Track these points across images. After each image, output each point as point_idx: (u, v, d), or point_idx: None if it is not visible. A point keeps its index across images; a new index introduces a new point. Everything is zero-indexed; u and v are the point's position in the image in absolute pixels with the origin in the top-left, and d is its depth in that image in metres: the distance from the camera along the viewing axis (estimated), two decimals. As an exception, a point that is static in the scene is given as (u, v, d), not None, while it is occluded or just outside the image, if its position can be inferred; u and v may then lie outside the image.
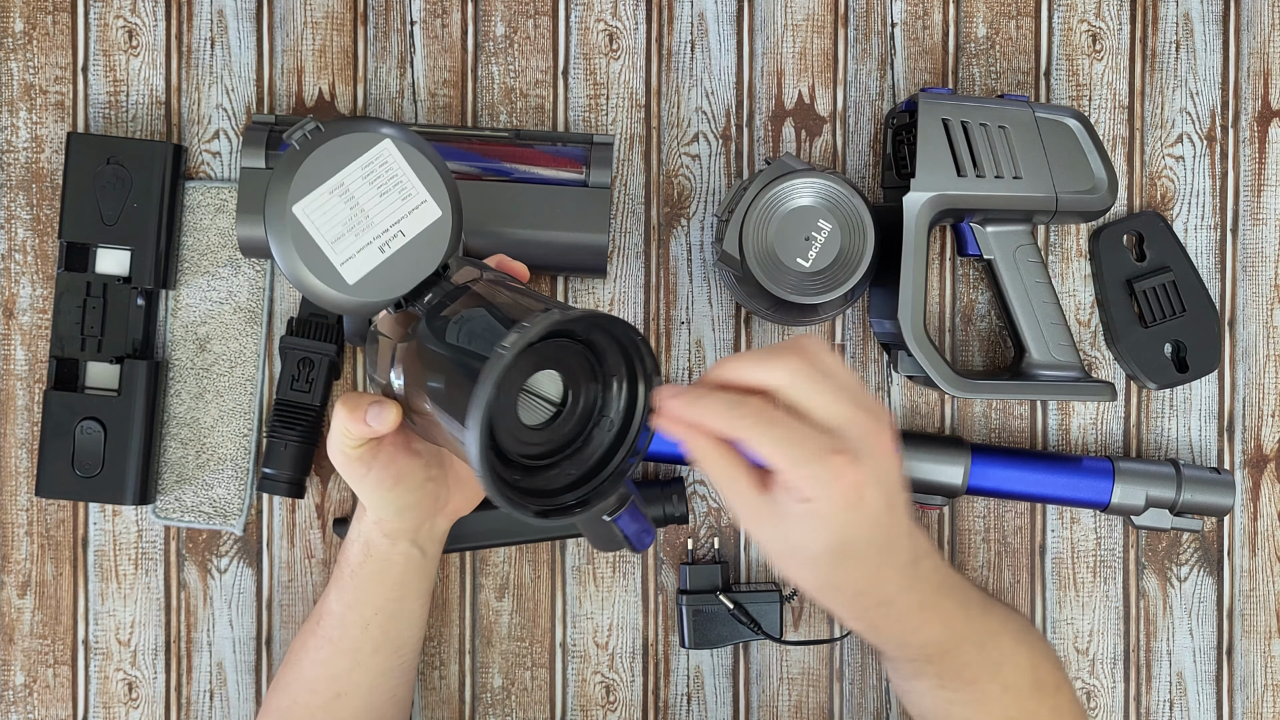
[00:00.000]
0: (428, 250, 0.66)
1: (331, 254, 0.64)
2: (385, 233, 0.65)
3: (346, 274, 0.64)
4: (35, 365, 0.93)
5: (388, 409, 0.67)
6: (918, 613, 0.71)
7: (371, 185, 0.65)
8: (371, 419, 0.68)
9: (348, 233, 0.64)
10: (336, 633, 0.80)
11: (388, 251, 0.65)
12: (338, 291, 0.64)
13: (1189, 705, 0.94)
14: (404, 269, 0.66)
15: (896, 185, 0.89)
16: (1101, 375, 0.94)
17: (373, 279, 0.65)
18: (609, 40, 0.94)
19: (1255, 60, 0.95)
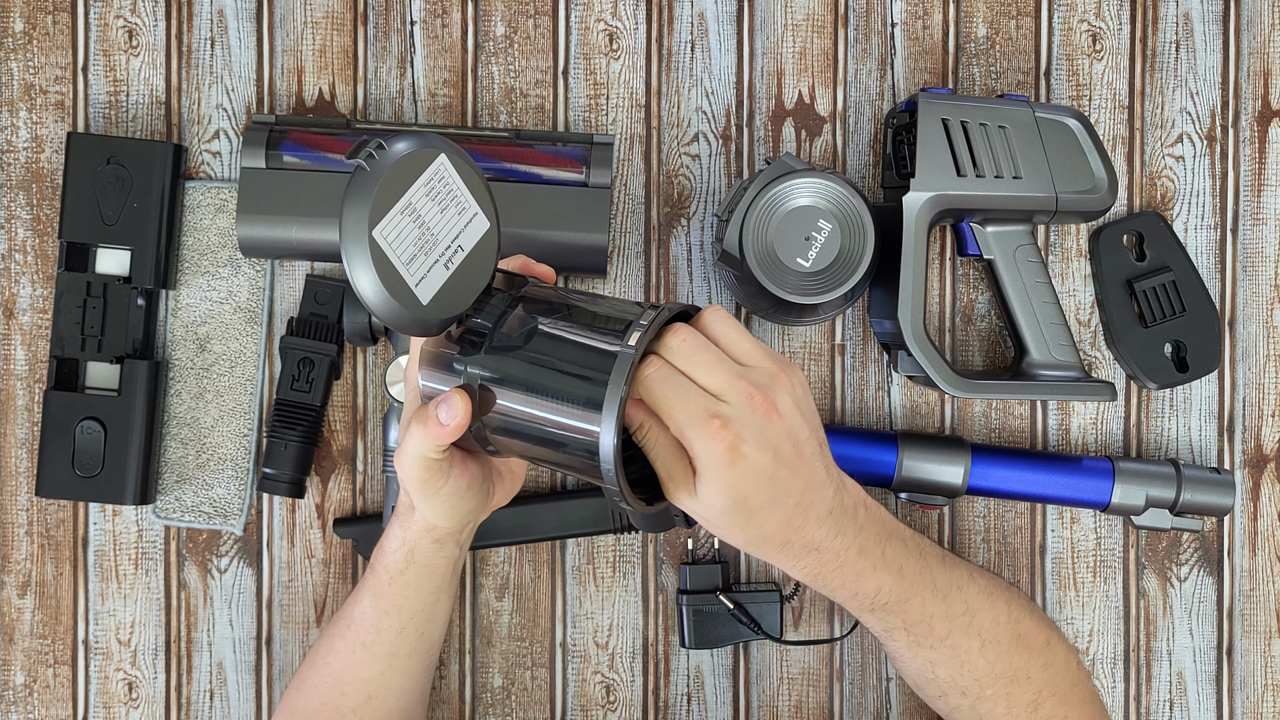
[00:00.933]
0: (481, 262, 0.67)
1: (407, 276, 0.63)
2: (448, 249, 0.65)
3: (421, 294, 0.63)
4: (35, 365, 0.93)
5: (454, 401, 0.67)
6: (858, 559, 0.73)
7: (434, 202, 0.64)
8: (444, 416, 0.67)
9: (419, 253, 0.63)
10: (370, 637, 0.80)
11: (451, 268, 0.65)
12: (413, 313, 0.63)
13: (1189, 705, 0.94)
14: (465, 283, 0.66)
15: (896, 185, 0.89)
16: (1101, 375, 0.94)
17: (442, 296, 0.64)
18: (609, 40, 0.94)
19: (1255, 60, 0.95)
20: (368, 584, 0.81)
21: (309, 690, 0.83)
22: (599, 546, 0.93)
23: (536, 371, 0.65)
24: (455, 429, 0.67)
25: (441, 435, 0.68)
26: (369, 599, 0.80)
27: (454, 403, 0.67)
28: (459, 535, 0.79)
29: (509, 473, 0.79)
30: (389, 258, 0.62)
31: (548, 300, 0.67)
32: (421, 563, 0.79)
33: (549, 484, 0.94)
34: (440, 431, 0.68)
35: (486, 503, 0.78)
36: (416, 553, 0.78)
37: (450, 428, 0.68)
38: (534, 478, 0.94)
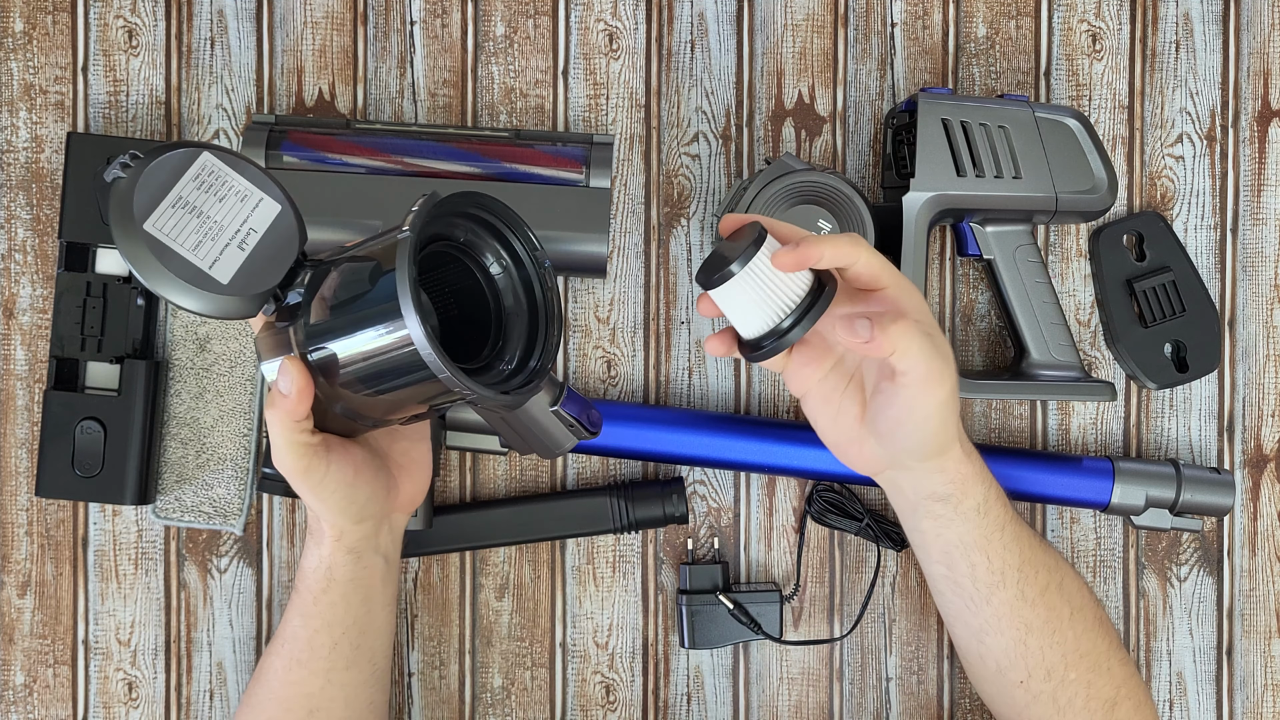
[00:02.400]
0: (285, 241, 0.69)
1: (197, 260, 0.65)
2: (238, 233, 0.67)
3: (218, 275, 0.66)
4: (35, 365, 0.93)
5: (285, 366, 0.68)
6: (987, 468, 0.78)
7: (208, 194, 0.67)
8: (283, 386, 0.68)
9: (204, 239, 0.66)
10: (305, 654, 0.79)
11: (247, 249, 0.67)
12: (215, 292, 0.65)
13: (1189, 705, 0.94)
14: (269, 261, 0.68)
15: (896, 185, 0.89)
16: (1101, 375, 0.94)
17: (244, 275, 0.67)
18: (609, 40, 0.94)
19: (1255, 60, 0.95)
20: (294, 603, 0.79)
21: (255, 708, 0.81)
22: (599, 546, 0.93)
23: (343, 310, 0.66)
24: (299, 394, 0.68)
25: (288, 407, 0.68)
26: (298, 618, 0.79)
27: (285, 369, 0.68)
28: (374, 540, 0.78)
29: (411, 462, 0.79)
30: (171, 247, 0.65)
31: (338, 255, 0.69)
32: (343, 579, 0.77)
33: (549, 484, 0.94)
34: (286, 403, 0.68)
35: (390, 495, 0.77)
36: (335, 569, 0.77)
37: (293, 394, 0.68)
38: (534, 477, 0.94)
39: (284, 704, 0.80)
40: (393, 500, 0.78)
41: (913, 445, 0.74)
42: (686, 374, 0.94)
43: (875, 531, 0.91)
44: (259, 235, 0.68)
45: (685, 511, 0.91)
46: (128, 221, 0.64)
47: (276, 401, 0.69)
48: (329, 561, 0.77)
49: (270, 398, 0.69)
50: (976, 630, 0.80)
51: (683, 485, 0.92)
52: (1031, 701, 0.80)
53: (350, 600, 0.78)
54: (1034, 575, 0.78)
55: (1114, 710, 0.80)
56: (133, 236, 0.64)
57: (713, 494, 0.94)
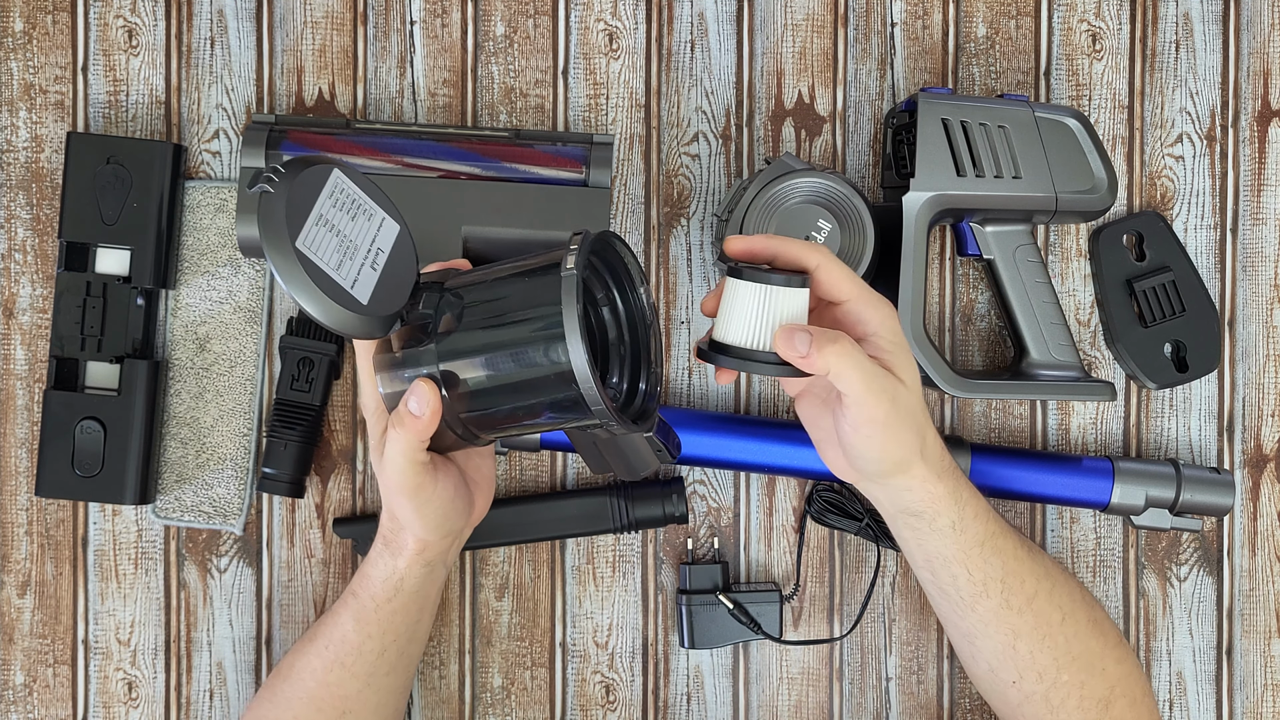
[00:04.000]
0: (404, 261, 0.69)
1: (340, 280, 0.65)
2: (369, 252, 0.67)
3: (358, 294, 0.65)
4: (35, 365, 0.93)
5: (420, 389, 0.68)
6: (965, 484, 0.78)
7: (343, 212, 0.67)
8: (415, 408, 0.69)
9: (345, 258, 0.66)
10: (351, 658, 0.80)
11: (378, 269, 0.67)
12: (357, 313, 0.65)
13: (1189, 705, 0.94)
14: (394, 281, 0.68)
15: (896, 185, 0.89)
16: (1101, 375, 0.94)
17: (379, 294, 0.67)
18: (609, 40, 0.94)
19: (1255, 60, 0.95)
20: (349, 608, 0.80)
21: (281, 703, 0.82)
22: (598, 546, 0.93)
23: (494, 334, 0.67)
24: (431, 416, 0.69)
25: (419, 427, 0.69)
26: (352, 623, 0.80)
27: (420, 391, 0.68)
28: (446, 555, 0.80)
29: (483, 479, 0.80)
30: (319, 265, 0.64)
31: (474, 280, 0.70)
32: (410, 590, 0.79)
33: (549, 484, 0.94)
34: (417, 424, 0.69)
35: (469, 513, 0.79)
36: (407, 580, 0.79)
37: (425, 417, 0.69)
38: (533, 477, 0.94)
39: (316, 703, 0.81)
40: (471, 518, 0.80)
41: (862, 464, 0.75)
42: (686, 374, 0.94)
43: (875, 531, 0.91)
44: (385, 255, 0.68)
45: (685, 511, 0.91)
46: (281, 240, 0.63)
47: (405, 422, 0.69)
48: (403, 573, 0.78)
49: (396, 417, 0.70)
50: (966, 633, 0.82)
51: (682, 485, 0.92)
52: (1024, 701, 0.81)
53: (409, 611, 0.80)
54: (1019, 585, 0.79)
55: (1108, 709, 0.81)
56: (287, 254, 0.63)
57: (713, 494, 0.94)
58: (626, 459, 0.72)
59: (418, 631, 0.83)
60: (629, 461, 0.72)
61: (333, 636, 0.81)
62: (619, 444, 0.72)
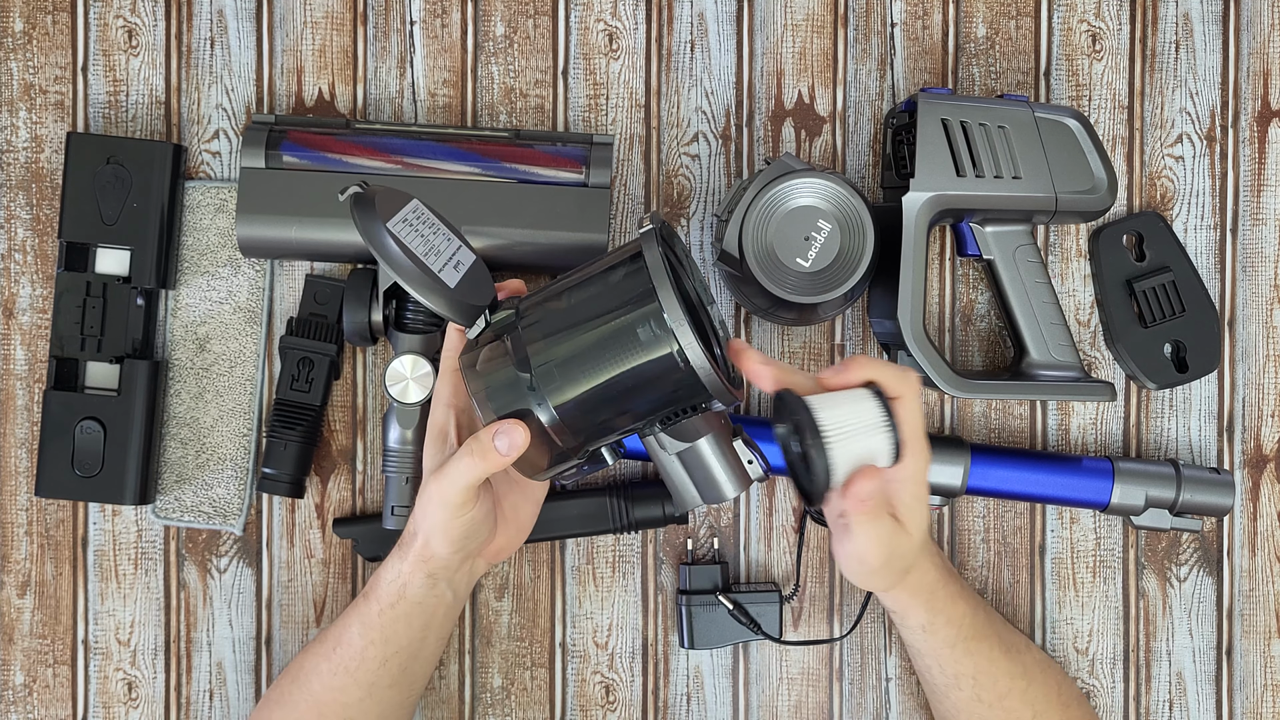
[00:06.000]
0: (482, 278, 0.74)
1: (429, 263, 0.70)
2: (450, 259, 0.73)
3: (445, 279, 0.71)
4: (35, 365, 0.93)
5: (515, 429, 0.70)
6: (950, 580, 0.82)
7: (425, 225, 0.73)
8: (503, 447, 0.70)
9: (429, 252, 0.71)
10: (354, 664, 0.80)
11: (460, 272, 0.73)
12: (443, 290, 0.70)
13: (1189, 705, 0.94)
14: (476, 287, 0.73)
15: (896, 185, 0.89)
16: (1101, 375, 0.94)
17: (461, 288, 0.71)
18: (609, 40, 0.94)
19: (1255, 60, 0.95)
20: (358, 611, 0.81)
21: (287, 706, 0.83)
22: (598, 546, 0.93)
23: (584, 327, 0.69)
24: (515, 457, 0.71)
25: (498, 464, 0.71)
26: (357, 627, 0.80)
27: (512, 431, 0.70)
28: (452, 573, 0.80)
29: (515, 516, 0.81)
30: (409, 246, 0.69)
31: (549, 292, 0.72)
32: (412, 599, 0.79)
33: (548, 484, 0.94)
34: (498, 461, 0.71)
35: (487, 540, 0.79)
36: (409, 588, 0.79)
37: (510, 458, 0.70)
38: (534, 478, 0.94)
39: (320, 708, 0.81)
40: (485, 545, 0.80)
41: (849, 577, 0.79)
42: (686, 374, 0.94)
43: (875, 531, 0.91)
44: (466, 267, 0.73)
45: (685, 511, 0.91)
46: (373, 219, 0.68)
47: (488, 456, 0.71)
48: (406, 579, 0.79)
49: (480, 446, 0.71)
50: (943, 715, 0.87)
51: (682, 485, 0.92)
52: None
53: (412, 622, 0.80)
54: (991, 684, 0.83)
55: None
56: (379, 230, 0.68)
57: (712, 494, 0.94)
58: (714, 480, 0.72)
59: (422, 650, 0.82)
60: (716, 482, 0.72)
61: (339, 640, 0.81)
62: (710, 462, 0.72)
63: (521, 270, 0.90)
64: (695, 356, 0.67)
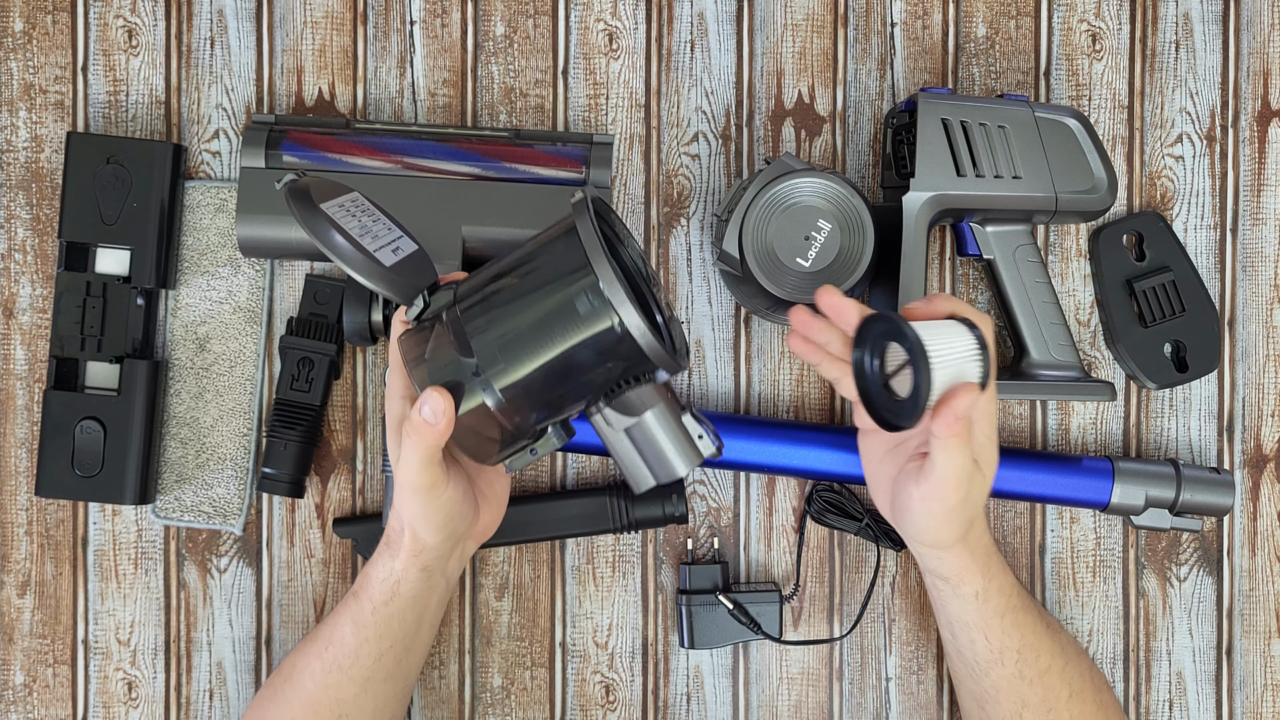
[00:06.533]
0: (423, 264, 0.74)
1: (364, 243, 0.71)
2: (389, 244, 0.73)
3: (382, 259, 0.71)
4: (35, 365, 0.93)
5: (431, 396, 0.70)
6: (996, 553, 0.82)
7: (363, 212, 0.73)
8: (428, 415, 0.70)
9: (365, 234, 0.71)
10: (348, 661, 0.80)
11: (398, 255, 0.72)
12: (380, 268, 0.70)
13: (1189, 705, 0.94)
14: (415, 269, 0.73)
15: (896, 185, 0.89)
16: (1101, 375, 0.94)
17: (399, 269, 0.71)
18: (609, 40, 0.94)
19: (1255, 60, 0.95)
20: (349, 609, 0.81)
21: (280, 704, 0.82)
22: (598, 546, 0.93)
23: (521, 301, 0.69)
24: (446, 424, 0.70)
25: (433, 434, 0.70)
26: (350, 625, 0.80)
27: (433, 399, 0.70)
28: (445, 562, 0.80)
29: (493, 495, 0.81)
30: (343, 228, 0.70)
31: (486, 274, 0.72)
32: (407, 594, 0.79)
33: (549, 484, 0.94)
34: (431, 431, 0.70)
35: (473, 522, 0.80)
36: (403, 584, 0.79)
37: (440, 426, 0.70)
38: (533, 477, 0.94)
39: (313, 706, 0.81)
40: (472, 526, 0.80)
41: (911, 530, 0.79)
42: (686, 373, 0.94)
43: (875, 531, 0.91)
44: (405, 253, 0.73)
45: (685, 511, 0.91)
46: (307, 202, 0.69)
47: (421, 430, 0.71)
48: (399, 575, 0.79)
49: (410, 424, 0.71)
50: (978, 697, 0.85)
51: (682, 485, 0.92)
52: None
53: (406, 616, 0.80)
54: (1034, 658, 0.82)
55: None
56: (314, 213, 0.69)
57: (712, 494, 0.94)
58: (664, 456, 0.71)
59: (416, 641, 0.83)
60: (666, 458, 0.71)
61: (332, 638, 0.81)
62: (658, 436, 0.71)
63: None
64: (634, 323, 0.67)
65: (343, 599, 0.83)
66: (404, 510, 0.77)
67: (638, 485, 0.72)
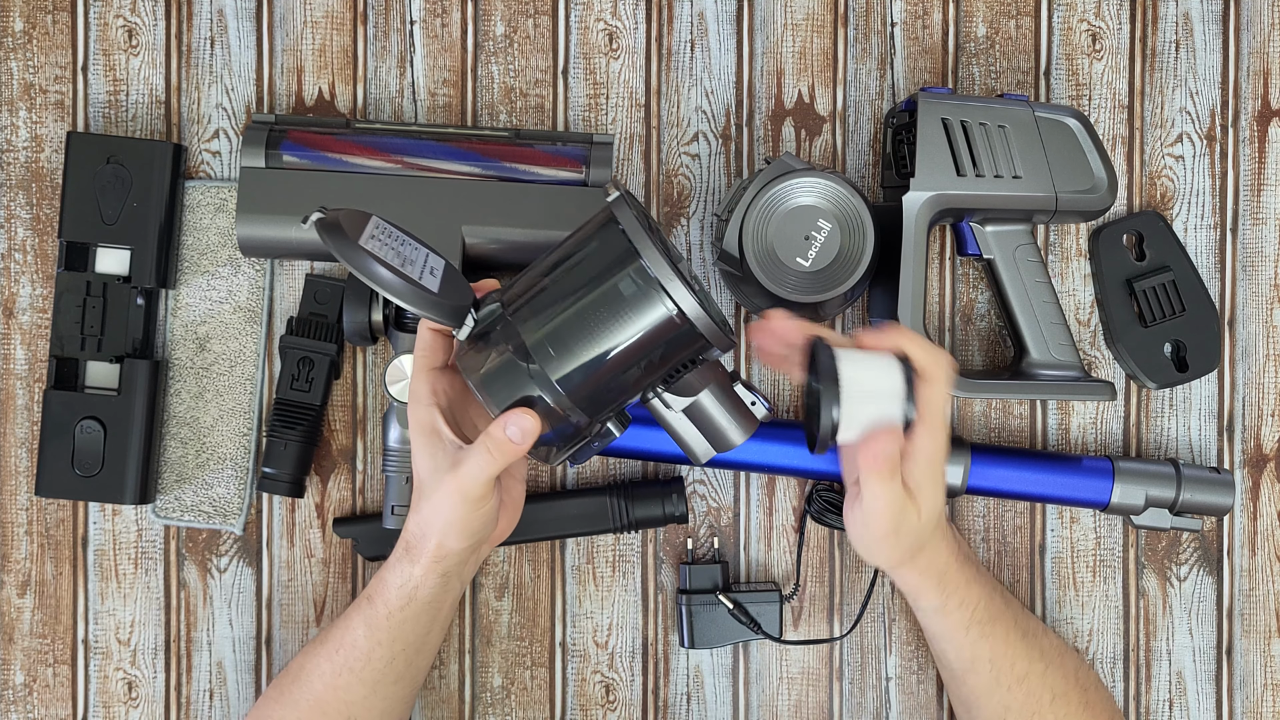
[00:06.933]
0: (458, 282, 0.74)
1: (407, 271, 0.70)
2: (424, 266, 0.72)
3: (427, 284, 0.70)
4: (35, 365, 0.93)
5: (523, 417, 0.71)
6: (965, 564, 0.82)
7: (392, 239, 0.72)
8: (515, 436, 0.71)
9: (404, 263, 0.71)
10: (359, 664, 0.80)
11: (437, 276, 0.72)
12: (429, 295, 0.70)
13: (1189, 705, 0.94)
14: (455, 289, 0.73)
15: (896, 185, 0.89)
16: (1101, 375, 0.94)
17: (445, 292, 0.71)
18: (609, 40, 0.94)
19: (1255, 60, 0.95)
20: (362, 613, 0.80)
21: (287, 705, 0.82)
22: (598, 546, 0.93)
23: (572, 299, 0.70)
24: (529, 444, 0.71)
25: (515, 453, 0.71)
26: (363, 629, 0.80)
27: (522, 421, 0.71)
28: (463, 567, 0.80)
29: (510, 499, 0.81)
30: (385, 259, 0.69)
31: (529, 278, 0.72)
32: (424, 600, 0.79)
33: (549, 484, 0.94)
34: (515, 450, 0.71)
35: (494, 529, 0.80)
36: (421, 589, 0.79)
37: (525, 446, 0.71)
38: (533, 477, 0.94)
39: (321, 707, 0.81)
40: (495, 534, 0.81)
41: (859, 548, 0.80)
42: (686, 374, 0.94)
43: (875, 531, 0.91)
44: (440, 271, 0.73)
45: (685, 511, 0.91)
46: (345, 239, 0.68)
47: (504, 448, 0.71)
48: (418, 581, 0.78)
49: (493, 441, 0.71)
50: (963, 700, 0.87)
51: (682, 485, 0.92)
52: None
53: (420, 620, 0.80)
54: (1009, 666, 0.83)
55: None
56: (355, 250, 0.68)
57: (712, 494, 0.94)
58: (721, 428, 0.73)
59: (427, 643, 0.83)
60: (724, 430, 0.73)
61: (343, 641, 0.81)
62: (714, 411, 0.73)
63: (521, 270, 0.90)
64: (688, 304, 0.68)
65: (354, 602, 0.82)
66: (436, 517, 0.76)
67: (698, 458, 0.74)
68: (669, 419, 0.73)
